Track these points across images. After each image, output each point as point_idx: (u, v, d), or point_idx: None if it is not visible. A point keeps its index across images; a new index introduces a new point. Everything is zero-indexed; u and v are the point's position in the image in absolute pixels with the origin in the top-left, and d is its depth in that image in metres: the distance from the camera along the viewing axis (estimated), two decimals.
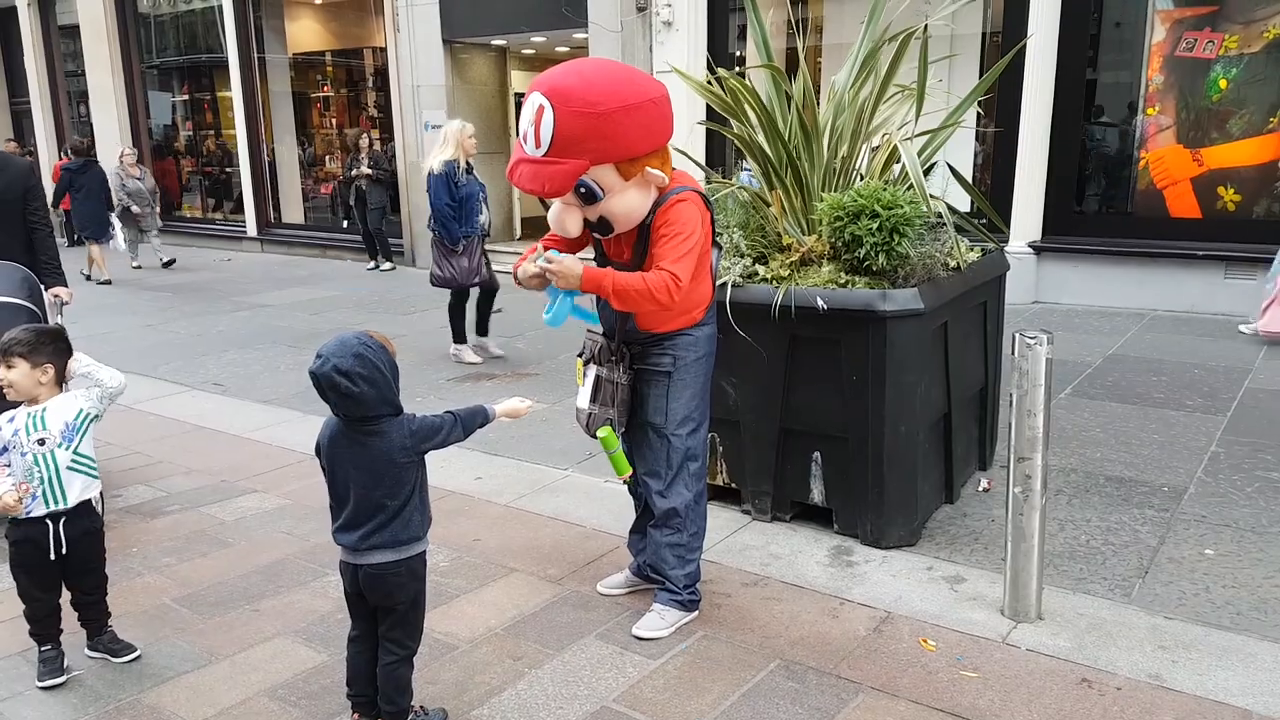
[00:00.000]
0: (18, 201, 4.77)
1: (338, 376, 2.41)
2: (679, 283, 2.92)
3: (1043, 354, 3.03)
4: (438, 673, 3.03)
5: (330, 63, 14.85)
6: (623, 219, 3.00)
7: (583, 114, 2.79)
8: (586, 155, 2.84)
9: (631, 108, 2.84)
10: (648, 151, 2.93)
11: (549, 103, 2.82)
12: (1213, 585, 3.45)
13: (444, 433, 2.62)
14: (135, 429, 5.74)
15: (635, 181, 2.94)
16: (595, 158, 2.85)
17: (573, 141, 2.82)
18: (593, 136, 2.81)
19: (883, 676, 2.95)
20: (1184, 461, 4.64)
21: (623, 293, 2.93)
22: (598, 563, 3.77)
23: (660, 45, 9.98)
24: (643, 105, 2.87)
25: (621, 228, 3.03)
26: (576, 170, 2.85)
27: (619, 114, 2.82)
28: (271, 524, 4.28)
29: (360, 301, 10.19)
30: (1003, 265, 4.64)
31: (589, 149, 2.83)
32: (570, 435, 4.96)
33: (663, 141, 3.00)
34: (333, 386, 2.43)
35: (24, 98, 18.21)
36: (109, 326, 8.97)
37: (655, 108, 2.92)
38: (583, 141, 2.82)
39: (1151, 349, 6.84)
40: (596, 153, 2.84)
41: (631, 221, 3.01)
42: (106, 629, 3.20)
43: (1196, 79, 7.98)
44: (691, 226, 2.98)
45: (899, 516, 3.77)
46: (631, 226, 3.03)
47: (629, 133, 2.85)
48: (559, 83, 2.85)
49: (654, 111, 2.92)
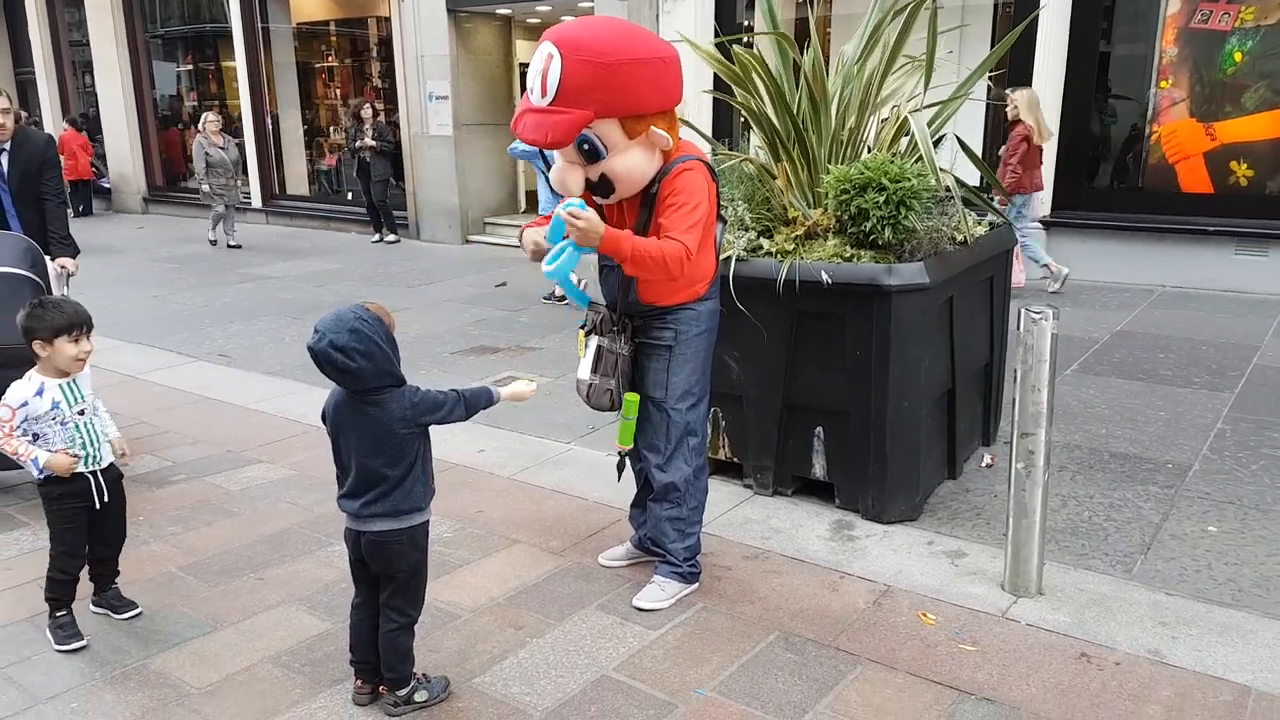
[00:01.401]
0: (36, 175, 4.85)
1: (334, 352, 2.41)
2: (690, 254, 2.91)
3: (1048, 329, 3.01)
4: (440, 641, 3.05)
5: (334, 33, 14.74)
6: (624, 180, 2.97)
7: (590, 63, 2.77)
8: (591, 106, 2.80)
9: (640, 62, 2.82)
10: (654, 111, 2.91)
11: (558, 51, 2.80)
12: (1215, 562, 3.45)
13: (445, 409, 2.62)
14: (142, 399, 5.76)
15: (639, 141, 2.92)
16: (600, 110, 2.81)
17: (579, 91, 2.79)
18: (599, 87, 2.78)
19: (881, 649, 2.97)
20: (1189, 438, 4.63)
21: (640, 258, 2.88)
22: (599, 535, 3.78)
23: (667, 14, 9.88)
24: (651, 61, 2.85)
25: (623, 190, 3.00)
26: (581, 120, 2.81)
27: (627, 66, 2.79)
28: (276, 494, 4.30)
29: (365, 274, 10.18)
30: (1010, 240, 4.61)
31: (594, 99, 2.80)
32: (573, 409, 4.96)
33: (670, 103, 2.97)
34: (330, 362, 2.44)
35: (29, 68, 18.13)
36: (115, 298, 8.98)
37: (664, 65, 2.90)
38: (589, 91, 2.79)
39: (1160, 325, 6.81)
40: (602, 104, 2.81)
41: (633, 185, 2.99)
42: (113, 584, 3.27)
43: (1211, 51, 7.89)
44: (699, 196, 2.96)
45: (901, 491, 3.77)
46: (634, 191, 3.01)
47: (636, 87, 2.83)
48: (569, 33, 2.84)
49: (663, 70, 2.89)
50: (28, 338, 3.00)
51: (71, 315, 3.02)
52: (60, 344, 2.98)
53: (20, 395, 2.98)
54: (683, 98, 3.03)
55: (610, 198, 3.04)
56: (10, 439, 2.96)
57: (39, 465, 2.98)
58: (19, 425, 2.97)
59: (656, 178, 2.99)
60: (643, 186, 3.01)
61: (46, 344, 2.98)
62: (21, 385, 3.01)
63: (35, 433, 3.00)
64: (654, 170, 2.99)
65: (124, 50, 16.10)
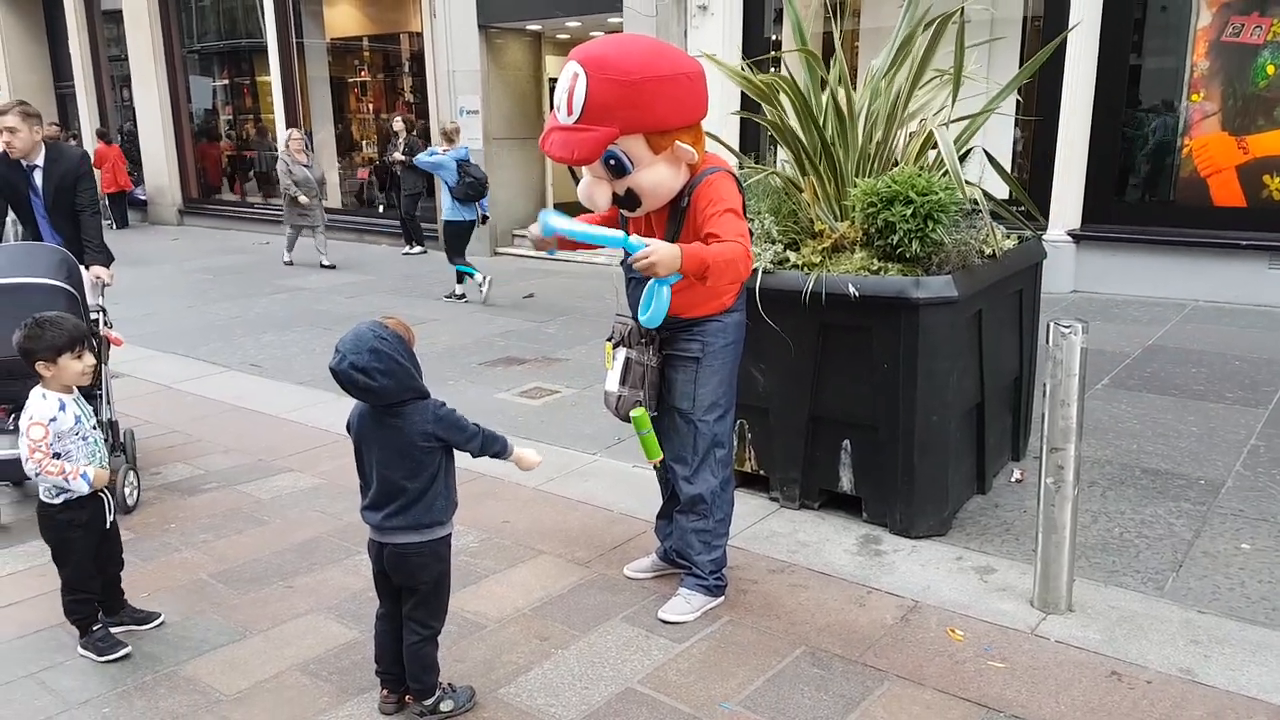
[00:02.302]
0: (71, 189, 4.96)
1: (356, 373, 2.45)
2: (749, 252, 2.93)
3: (1077, 343, 2.99)
4: (466, 651, 3.06)
5: (367, 48, 14.94)
6: (650, 194, 2.99)
7: (615, 81, 2.81)
8: (616, 123, 2.84)
9: (664, 79, 2.85)
10: (679, 126, 2.93)
11: (583, 70, 2.84)
12: (1248, 580, 3.40)
13: (465, 436, 2.64)
14: (175, 408, 5.84)
15: (665, 156, 2.94)
16: (625, 126, 2.85)
17: (604, 108, 2.83)
18: (623, 104, 2.82)
19: (909, 665, 2.95)
20: (1222, 454, 4.57)
21: (720, 262, 2.82)
22: (625, 547, 3.79)
23: (695, 30, 9.92)
24: (676, 78, 2.88)
25: (649, 204, 3.02)
26: (606, 137, 2.85)
27: (651, 84, 2.83)
28: (306, 503, 4.35)
29: (394, 286, 10.28)
30: (1039, 253, 4.58)
31: (619, 116, 2.83)
32: (599, 420, 4.98)
33: (695, 118, 3.00)
34: (352, 383, 2.48)
35: (68, 81, 18.50)
36: (150, 307, 9.12)
37: (689, 82, 2.93)
38: (614, 109, 2.82)
39: (1191, 340, 6.72)
40: (627, 121, 2.84)
41: (659, 198, 3.01)
42: (125, 604, 3.29)
43: (1243, 65, 7.81)
44: (734, 201, 2.98)
45: (929, 506, 3.75)
46: (660, 204, 3.03)
47: (660, 103, 2.86)
48: (594, 51, 2.87)
49: (687, 86, 2.92)
50: (30, 359, 2.97)
51: (71, 331, 3.02)
52: (65, 361, 2.99)
53: (47, 412, 2.96)
54: (707, 112, 3.05)
55: (637, 211, 3.07)
56: (49, 459, 2.93)
57: (89, 479, 2.97)
58: (51, 443, 2.95)
59: (685, 190, 3.01)
60: (670, 199, 3.03)
61: (50, 363, 2.98)
62: (42, 404, 2.97)
63: (58, 451, 2.97)
64: (680, 183, 3.01)
65: (161, 65, 16.39)
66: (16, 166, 4.93)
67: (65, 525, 3.04)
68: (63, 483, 2.97)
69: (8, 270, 4.29)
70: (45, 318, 3.06)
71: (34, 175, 4.94)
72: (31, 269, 4.33)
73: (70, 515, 3.03)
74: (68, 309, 4.14)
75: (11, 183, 4.96)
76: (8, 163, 4.91)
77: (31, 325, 3.00)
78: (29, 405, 2.99)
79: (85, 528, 3.06)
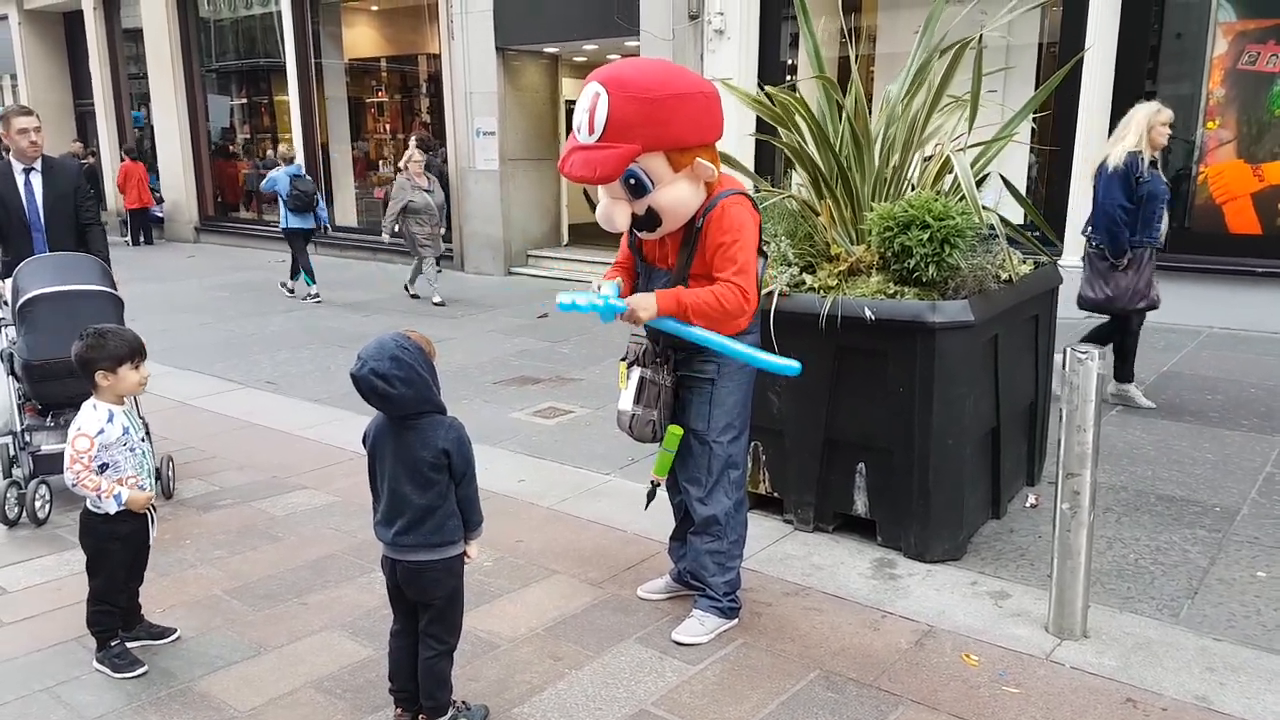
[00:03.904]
0: (70, 198, 5.06)
1: (376, 379, 2.47)
2: (748, 294, 2.98)
3: (1094, 369, 2.99)
4: (480, 670, 3.07)
5: (385, 69, 15.08)
6: (670, 214, 3.01)
7: (636, 99, 2.85)
8: (638, 140, 2.86)
9: (684, 96, 2.90)
10: (698, 144, 2.97)
11: (604, 89, 2.87)
12: (1264, 608, 3.38)
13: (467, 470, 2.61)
14: (190, 424, 5.88)
15: (685, 174, 2.97)
16: (647, 143, 2.88)
17: (625, 126, 2.86)
18: (645, 122, 2.85)
19: (923, 690, 2.94)
20: (1237, 482, 4.55)
21: (698, 309, 2.98)
22: (638, 567, 3.79)
23: (712, 54, 9.99)
24: (694, 95, 2.93)
25: (669, 224, 3.04)
26: (628, 154, 2.87)
27: (672, 100, 2.87)
28: (320, 520, 4.36)
29: (410, 305, 10.32)
30: (1055, 279, 4.58)
31: (640, 134, 2.86)
32: (612, 440, 4.98)
33: (712, 137, 3.04)
34: (372, 389, 2.49)
35: (88, 99, 18.73)
36: (165, 324, 9.18)
37: (706, 100, 2.97)
38: (635, 126, 2.85)
39: (1207, 366, 6.70)
40: (648, 138, 2.87)
41: (679, 218, 3.03)
42: (141, 618, 3.30)
43: (1259, 93, 7.82)
44: (747, 233, 3.01)
45: (944, 530, 3.74)
46: (679, 224, 3.05)
47: (680, 120, 2.89)
48: (614, 72, 2.92)
49: (705, 104, 2.96)
50: (89, 368, 3.01)
51: (132, 342, 3.08)
52: (124, 372, 3.03)
53: (95, 424, 2.99)
54: (723, 133, 3.08)
55: (656, 232, 3.08)
56: (90, 473, 2.95)
57: (121, 501, 2.99)
58: (95, 455, 2.97)
59: (701, 212, 3.03)
60: (687, 220, 3.05)
61: (110, 373, 3.01)
62: (92, 414, 3.00)
63: (105, 462, 3.00)
64: (698, 203, 3.03)
65: (180, 83, 16.58)
66: (6, 177, 4.98)
67: (106, 536, 3.06)
68: (96, 500, 3.00)
69: (58, 278, 4.41)
70: (107, 328, 3.12)
71: (31, 180, 4.99)
72: (80, 276, 4.45)
73: (112, 527, 3.05)
74: (116, 316, 4.24)
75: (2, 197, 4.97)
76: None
77: (94, 335, 3.04)
78: (79, 416, 3.03)
79: (124, 541, 3.09)
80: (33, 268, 4.49)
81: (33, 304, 4.33)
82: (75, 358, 3.03)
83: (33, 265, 4.52)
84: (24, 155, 4.96)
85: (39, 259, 4.64)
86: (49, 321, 4.26)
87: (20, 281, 4.41)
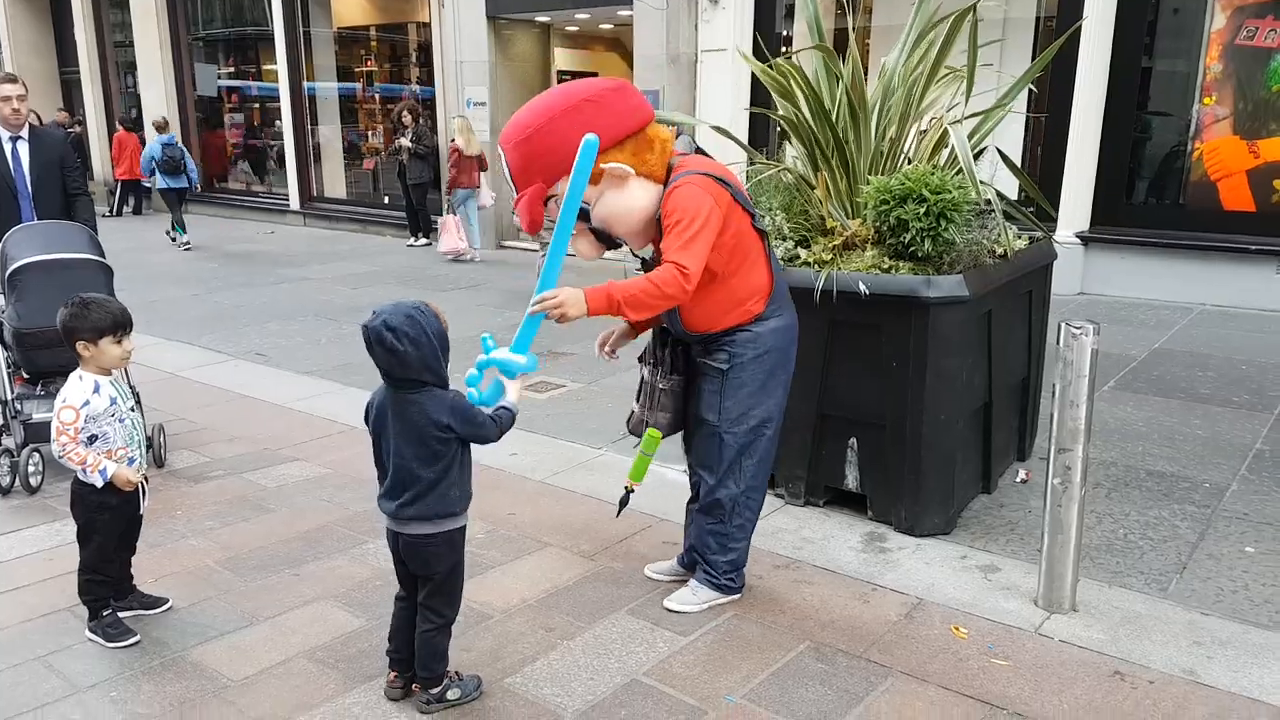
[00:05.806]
0: (57, 167, 5.03)
1: (386, 332, 2.48)
2: (686, 272, 2.81)
3: (1088, 345, 3.00)
4: (473, 641, 3.07)
5: (375, 38, 14.92)
6: (617, 222, 3.00)
7: (517, 144, 2.92)
8: (538, 178, 2.92)
9: (557, 117, 2.86)
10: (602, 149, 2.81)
11: (502, 150, 2.98)
12: (1252, 583, 3.41)
13: (479, 430, 2.64)
14: (180, 396, 5.85)
15: (605, 184, 2.93)
16: (546, 176, 2.91)
17: (524, 172, 2.93)
18: (532, 159, 2.90)
19: (912, 662, 2.96)
20: (1228, 458, 4.57)
21: (632, 301, 2.84)
22: (629, 540, 3.79)
23: (706, 24, 9.91)
24: (575, 109, 2.86)
25: (623, 231, 3.03)
26: (534, 195, 2.93)
27: (543, 130, 2.87)
28: (312, 492, 4.36)
29: (400, 277, 10.28)
30: (1050, 254, 4.58)
31: (538, 172, 2.91)
32: (604, 415, 4.99)
33: (620, 134, 2.90)
34: (380, 341, 2.49)
35: (74, 67, 18.49)
36: (155, 295, 9.12)
37: (595, 105, 2.87)
38: (530, 169, 2.92)
39: (1199, 343, 6.72)
40: (544, 171, 2.91)
41: (630, 224, 3.00)
42: (134, 587, 3.30)
43: (1256, 69, 7.79)
44: (692, 212, 2.85)
45: (934, 504, 3.75)
46: (635, 228, 3.01)
47: (563, 143, 2.81)
48: (506, 127, 2.99)
49: (592, 111, 2.86)
50: (71, 337, 2.98)
51: (117, 315, 3.03)
52: (105, 344, 2.99)
53: (81, 395, 2.96)
54: (640, 121, 2.94)
55: (625, 245, 3.10)
56: (77, 445, 2.93)
57: (106, 476, 2.96)
58: (81, 427, 2.95)
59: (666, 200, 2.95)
60: (645, 219, 2.99)
61: (90, 344, 2.98)
62: (77, 385, 2.97)
63: (94, 433, 2.97)
64: (649, 199, 2.97)
65: (167, 52, 16.38)
66: None
67: (96, 507, 3.04)
68: (81, 473, 2.98)
69: (48, 246, 4.39)
70: (92, 298, 3.08)
71: (18, 148, 4.96)
72: (69, 244, 4.42)
73: (102, 498, 3.02)
74: (106, 285, 4.21)
75: None
76: None
77: (78, 304, 3.01)
78: (65, 387, 3.00)
79: (115, 512, 3.07)
80: (21, 236, 4.46)
81: (22, 272, 4.30)
82: (59, 325, 3.01)
83: (21, 233, 4.48)
84: (7, 123, 4.91)
85: (27, 227, 4.60)
86: (38, 289, 4.23)
87: (9, 250, 4.38)
